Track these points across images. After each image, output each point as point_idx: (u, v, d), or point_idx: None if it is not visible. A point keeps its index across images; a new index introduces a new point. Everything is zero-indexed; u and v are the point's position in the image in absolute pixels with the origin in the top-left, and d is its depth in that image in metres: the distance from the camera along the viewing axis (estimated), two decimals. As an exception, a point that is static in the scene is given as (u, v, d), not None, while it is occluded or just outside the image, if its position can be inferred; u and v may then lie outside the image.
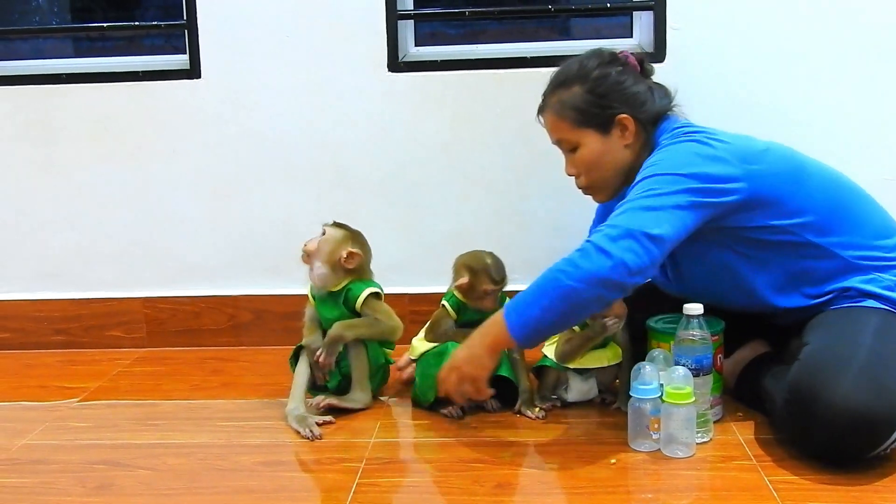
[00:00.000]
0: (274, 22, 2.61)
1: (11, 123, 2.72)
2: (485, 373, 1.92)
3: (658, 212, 1.80)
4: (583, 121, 2.01)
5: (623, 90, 2.00)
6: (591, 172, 2.05)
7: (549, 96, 2.06)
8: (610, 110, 1.99)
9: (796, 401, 1.76)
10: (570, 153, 2.06)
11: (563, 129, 2.04)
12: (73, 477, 1.87)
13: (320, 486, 1.81)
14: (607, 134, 2.01)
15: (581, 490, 1.73)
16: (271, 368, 2.53)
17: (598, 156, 2.02)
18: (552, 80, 2.07)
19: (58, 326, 2.79)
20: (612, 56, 2.04)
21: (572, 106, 2.01)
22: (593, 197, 2.13)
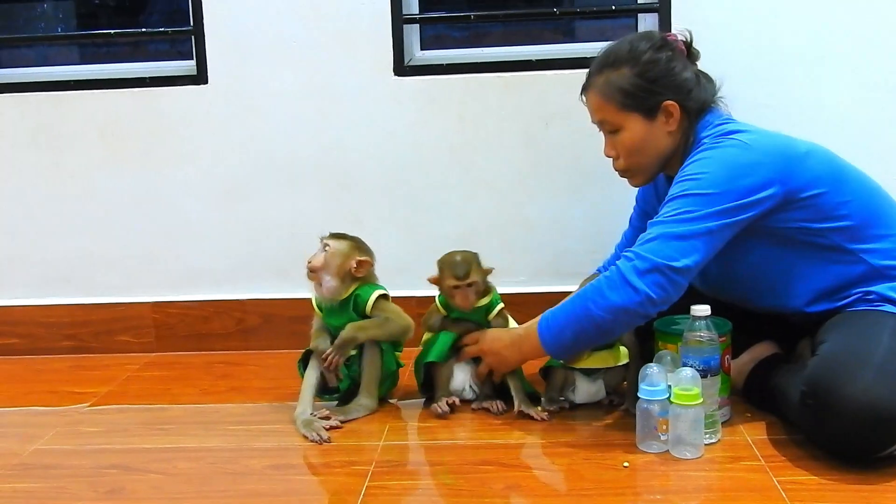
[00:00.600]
0: (280, 27, 2.62)
1: (20, 130, 2.73)
2: (507, 370, 2.13)
3: (688, 241, 1.85)
4: (629, 104, 1.99)
5: (672, 76, 1.99)
6: (631, 156, 2.04)
7: (596, 75, 2.03)
8: (658, 96, 1.98)
9: (814, 394, 1.76)
10: (612, 135, 2.04)
11: (607, 110, 2.02)
12: (84, 481, 1.87)
13: (330, 490, 1.81)
14: (652, 119, 2.00)
15: (589, 492, 1.74)
16: (279, 372, 2.53)
17: (641, 141, 2.01)
18: (600, 60, 2.03)
19: (67, 332, 2.80)
20: (662, 40, 2.02)
21: (619, 88, 1.98)
22: (629, 180, 2.12)
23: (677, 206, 1.88)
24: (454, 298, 2.16)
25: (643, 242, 1.88)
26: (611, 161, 2.11)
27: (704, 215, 1.85)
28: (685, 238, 1.85)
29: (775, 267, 1.98)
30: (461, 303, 2.15)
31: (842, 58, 2.52)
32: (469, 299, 2.15)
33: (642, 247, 1.87)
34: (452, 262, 2.16)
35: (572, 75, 2.57)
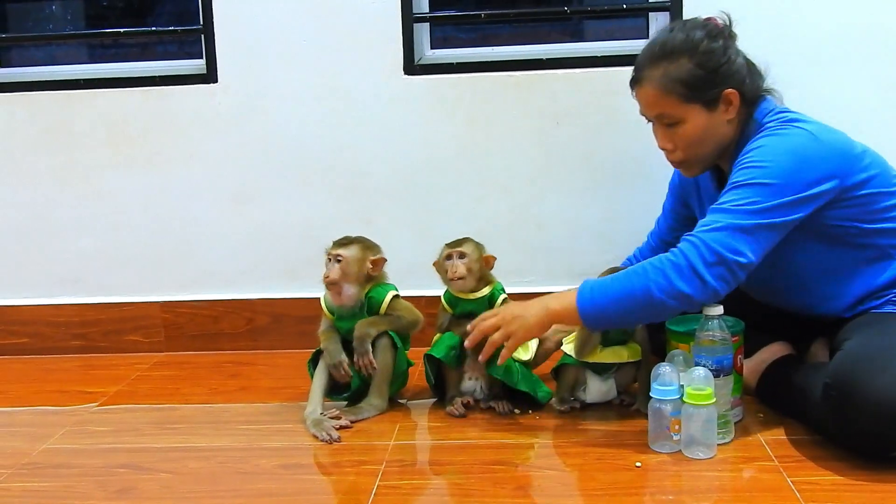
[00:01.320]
0: (290, 26, 2.62)
1: (30, 130, 2.73)
2: (525, 335, 1.97)
3: (754, 235, 1.82)
4: (690, 96, 1.93)
5: (730, 64, 1.95)
6: (691, 148, 1.99)
7: (650, 68, 1.96)
8: (718, 86, 1.94)
9: (839, 386, 1.74)
10: (669, 127, 1.98)
11: (667, 103, 1.96)
12: (94, 481, 1.87)
13: (341, 489, 1.81)
14: (713, 109, 1.95)
15: (602, 492, 1.73)
16: (289, 372, 2.53)
17: (703, 132, 1.96)
18: (652, 52, 1.97)
19: (76, 331, 2.80)
20: (715, 27, 1.97)
21: (680, 80, 1.93)
22: (684, 171, 2.08)
23: (744, 196, 1.84)
24: (446, 272, 2.16)
25: (709, 230, 1.83)
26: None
27: (770, 208, 1.82)
28: (751, 232, 1.82)
29: (821, 266, 1.97)
30: (450, 273, 2.14)
31: (861, 57, 2.50)
32: (458, 270, 2.14)
33: (709, 235, 1.82)
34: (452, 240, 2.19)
35: (583, 74, 2.58)
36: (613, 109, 2.58)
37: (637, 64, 2.00)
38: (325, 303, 2.22)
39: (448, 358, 2.15)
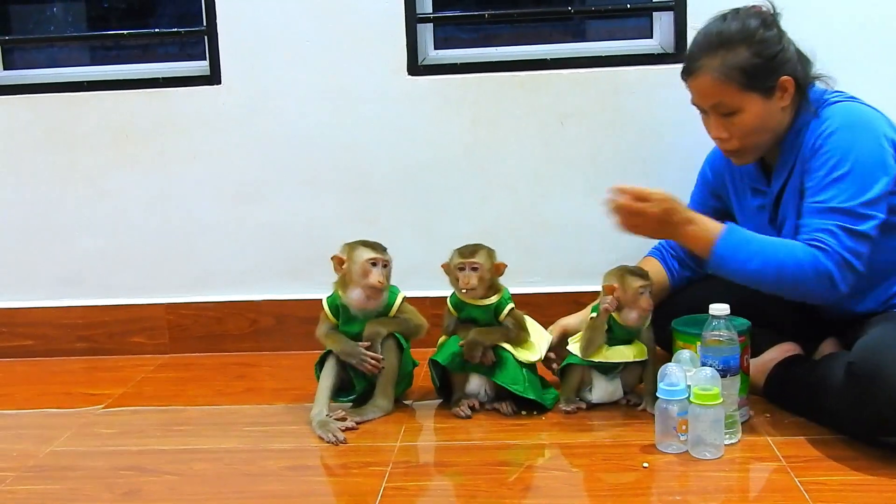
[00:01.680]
0: (293, 27, 2.62)
1: (34, 131, 2.73)
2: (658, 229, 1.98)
3: (868, 241, 1.87)
4: (749, 84, 1.93)
5: (785, 52, 1.95)
6: (748, 137, 1.98)
7: (708, 57, 1.95)
8: (775, 73, 1.94)
9: (863, 364, 1.76)
10: (725, 116, 1.97)
11: (725, 92, 1.94)
12: (100, 483, 1.87)
13: (347, 491, 1.80)
14: (770, 97, 1.95)
15: (609, 492, 1.73)
16: (294, 373, 2.53)
17: (761, 120, 1.96)
18: (709, 41, 1.96)
19: (81, 333, 2.80)
20: (767, 15, 1.98)
21: (738, 68, 1.92)
22: (737, 160, 2.07)
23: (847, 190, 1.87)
24: (457, 281, 2.14)
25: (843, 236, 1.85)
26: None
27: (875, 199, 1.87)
28: (866, 237, 1.87)
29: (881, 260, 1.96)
30: (462, 283, 2.12)
31: (870, 56, 2.50)
32: (470, 281, 2.12)
33: (844, 242, 1.85)
34: (463, 245, 2.17)
35: (588, 74, 2.58)
36: (618, 109, 2.58)
37: (691, 54, 2.00)
38: (327, 304, 2.20)
39: (453, 364, 2.14)
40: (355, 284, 2.14)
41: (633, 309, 2.09)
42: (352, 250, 2.15)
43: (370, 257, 2.13)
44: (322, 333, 2.20)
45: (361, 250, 2.14)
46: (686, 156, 2.57)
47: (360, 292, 2.14)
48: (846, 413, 1.83)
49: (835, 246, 1.85)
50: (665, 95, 2.56)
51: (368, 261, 2.12)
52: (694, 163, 2.53)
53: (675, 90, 2.54)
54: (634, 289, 2.08)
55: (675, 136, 2.58)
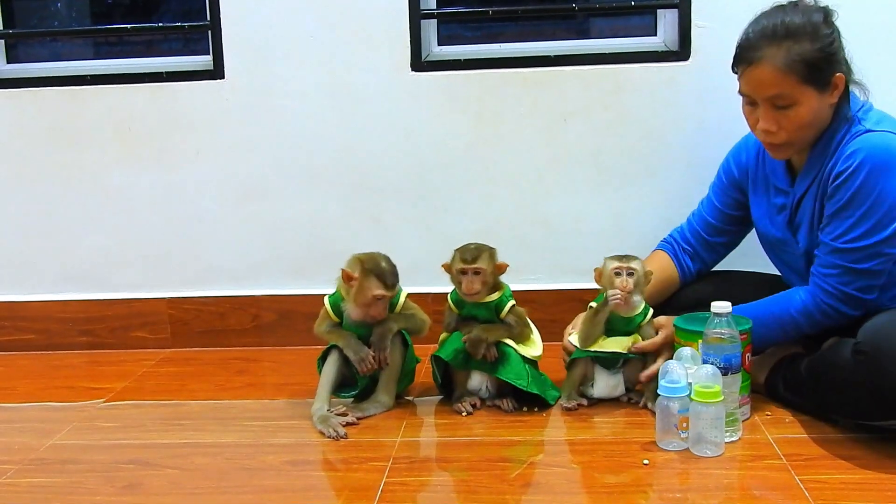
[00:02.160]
0: (297, 22, 2.62)
1: (37, 125, 2.73)
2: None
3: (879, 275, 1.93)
4: (810, 78, 1.90)
5: (841, 49, 1.95)
6: (797, 131, 1.95)
7: (771, 47, 1.90)
8: (832, 70, 1.92)
9: (870, 344, 1.78)
10: (779, 109, 1.93)
11: (786, 83, 1.90)
12: (101, 476, 1.87)
13: (348, 486, 1.80)
14: (824, 93, 1.93)
15: (609, 489, 1.73)
16: (295, 369, 2.53)
17: (813, 115, 1.94)
18: (774, 31, 1.91)
19: (83, 327, 2.81)
20: (827, 9, 1.95)
21: (803, 60, 1.88)
22: (777, 153, 2.04)
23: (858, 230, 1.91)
24: (460, 285, 2.14)
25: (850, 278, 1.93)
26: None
27: (887, 239, 1.90)
28: (877, 273, 1.93)
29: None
30: (465, 289, 2.12)
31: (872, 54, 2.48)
32: (473, 286, 2.12)
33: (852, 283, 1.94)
34: (464, 247, 2.16)
35: (592, 71, 2.58)
36: (621, 107, 2.58)
37: (751, 43, 1.95)
38: (328, 302, 2.20)
39: (455, 360, 2.14)
40: (358, 306, 2.13)
41: (610, 289, 2.10)
42: (364, 277, 2.11)
43: (378, 294, 2.10)
44: (324, 330, 2.20)
45: (373, 283, 2.10)
46: (689, 153, 2.58)
47: (361, 313, 2.14)
48: (854, 397, 1.83)
49: (841, 287, 1.94)
50: (669, 93, 2.56)
51: (376, 297, 2.11)
52: (697, 160, 2.54)
53: (679, 88, 2.56)
54: (609, 270, 2.10)
55: (679, 133, 2.58)
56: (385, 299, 2.12)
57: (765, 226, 2.17)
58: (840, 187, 1.92)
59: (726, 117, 2.48)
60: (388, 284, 2.11)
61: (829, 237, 1.95)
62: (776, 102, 1.93)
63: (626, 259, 2.12)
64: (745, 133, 2.16)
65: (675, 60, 2.55)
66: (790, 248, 2.11)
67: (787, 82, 1.90)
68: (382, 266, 2.12)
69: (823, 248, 1.97)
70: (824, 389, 1.94)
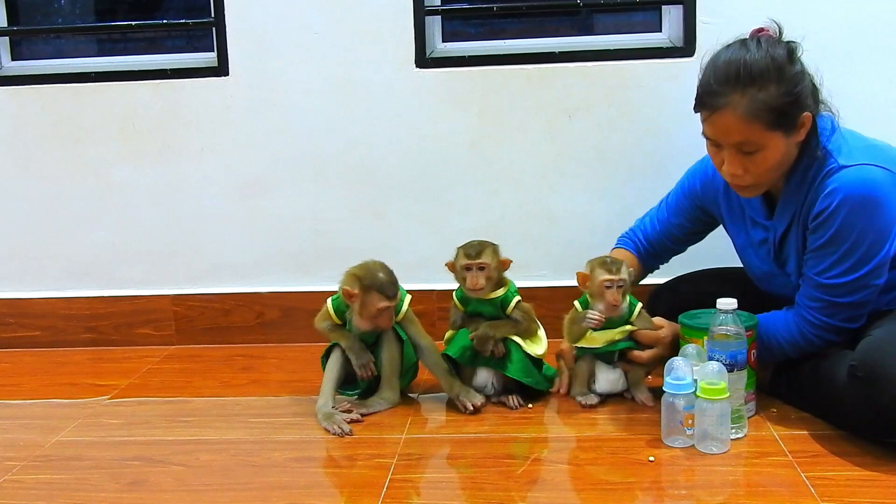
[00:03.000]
0: (301, 19, 2.61)
1: (41, 122, 2.73)
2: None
3: (862, 304, 1.91)
4: (776, 123, 1.82)
5: (807, 86, 1.87)
6: (765, 174, 1.89)
7: (736, 94, 1.82)
8: (800, 110, 1.85)
9: (865, 366, 1.76)
10: (746, 154, 1.86)
11: (751, 131, 1.83)
12: (106, 473, 1.87)
13: (353, 482, 1.80)
14: (791, 134, 1.86)
15: (615, 486, 1.72)
16: (300, 365, 2.53)
17: (781, 157, 1.87)
18: (737, 74, 1.82)
19: (88, 324, 2.81)
20: (790, 45, 1.87)
21: (769, 108, 1.81)
22: (744, 193, 1.98)
23: (839, 267, 1.88)
24: (465, 281, 2.14)
25: (832, 310, 1.92)
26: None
27: (870, 272, 1.87)
28: (861, 304, 1.91)
29: None
30: (470, 284, 2.12)
31: (877, 52, 2.49)
32: (478, 282, 2.12)
33: (834, 315, 1.92)
34: (468, 244, 2.15)
35: (596, 68, 2.57)
36: (626, 103, 2.58)
37: (711, 88, 1.86)
38: (331, 305, 2.19)
39: (463, 357, 2.14)
40: (364, 319, 2.13)
41: (599, 301, 2.09)
42: (364, 293, 2.09)
43: (383, 306, 2.09)
44: (325, 328, 2.20)
45: (374, 297, 2.09)
46: (693, 150, 2.54)
47: (369, 324, 2.13)
48: (851, 414, 1.83)
49: (826, 319, 1.93)
50: (673, 89, 2.55)
51: (380, 309, 2.10)
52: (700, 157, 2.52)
53: (683, 84, 2.54)
54: (599, 282, 2.09)
55: (683, 130, 2.56)
56: (390, 309, 2.11)
57: (748, 257, 2.14)
58: (821, 226, 1.88)
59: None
60: (391, 296, 2.09)
61: (812, 272, 1.92)
62: (742, 148, 1.86)
63: (616, 268, 2.08)
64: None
65: (680, 56, 2.55)
66: (779, 280, 2.08)
67: (753, 130, 1.83)
68: (380, 278, 2.10)
69: (808, 282, 1.94)
70: (823, 400, 1.94)
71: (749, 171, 1.89)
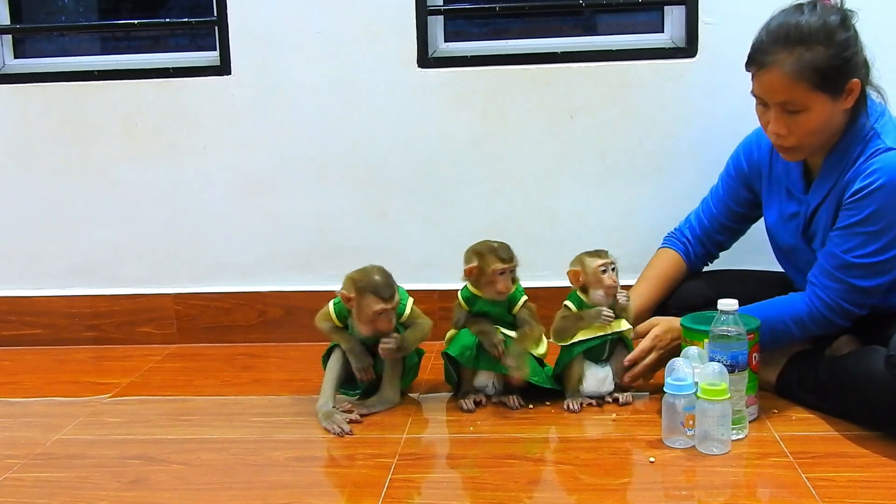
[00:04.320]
0: (304, 18, 2.61)
1: (44, 120, 2.74)
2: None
3: (877, 291, 1.95)
4: (821, 84, 1.86)
5: (859, 54, 1.90)
6: (808, 136, 1.92)
7: (782, 52, 1.86)
8: (847, 76, 1.88)
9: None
10: (790, 114, 1.90)
11: (796, 90, 1.87)
12: (107, 471, 1.87)
13: (353, 482, 1.80)
14: (837, 99, 1.89)
15: (616, 487, 1.72)
16: (301, 365, 2.53)
17: (824, 121, 1.91)
18: (787, 34, 1.87)
19: (89, 322, 2.81)
20: (845, 12, 1.90)
21: (815, 68, 1.84)
22: (788, 156, 2.01)
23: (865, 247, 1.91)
24: (496, 284, 2.11)
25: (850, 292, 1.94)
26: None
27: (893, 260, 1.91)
28: (877, 290, 1.94)
29: None
30: (503, 288, 2.11)
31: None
32: (509, 285, 2.12)
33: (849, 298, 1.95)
34: (494, 246, 2.13)
35: (598, 68, 2.57)
36: (628, 103, 2.57)
37: (762, 46, 1.91)
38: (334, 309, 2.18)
39: (464, 357, 2.13)
40: (363, 323, 2.12)
41: (598, 288, 2.10)
42: (360, 297, 2.08)
43: (379, 309, 2.08)
44: (326, 328, 2.19)
45: (371, 300, 2.07)
46: (695, 150, 2.57)
47: (369, 329, 2.12)
48: (886, 406, 1.82)
49: (840, 300, 1.95)
50: (675, 90, 2.55)
51: (377, 312, 2.08)
52: (704, 157, 2.53)
53: (686, 84, 2.56)
54: (594, 268, 2.10)
55: (685, 130, 2.57)
56: (387, 312, 2.09)
57: (777, 230, 2.16)
58: (857, 203, 1.90)
59: (733, 114, 2.48)
60: (386, 297, 2.07)
61: (838, 248, 1.93)
62: (787, 107, 1.90)
63: (604, 253, 2.13)
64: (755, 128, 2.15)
65: (683, 57, 2.54)
66: (803, 256, 2.09)
67: (798, 89, 1.87)
68: (376, 280, 2.08)
69: (830, 259, 1.95)
70: (850, 398, 1.92)
71: (793, 131, 1.92)
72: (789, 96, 1.88)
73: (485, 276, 2.12)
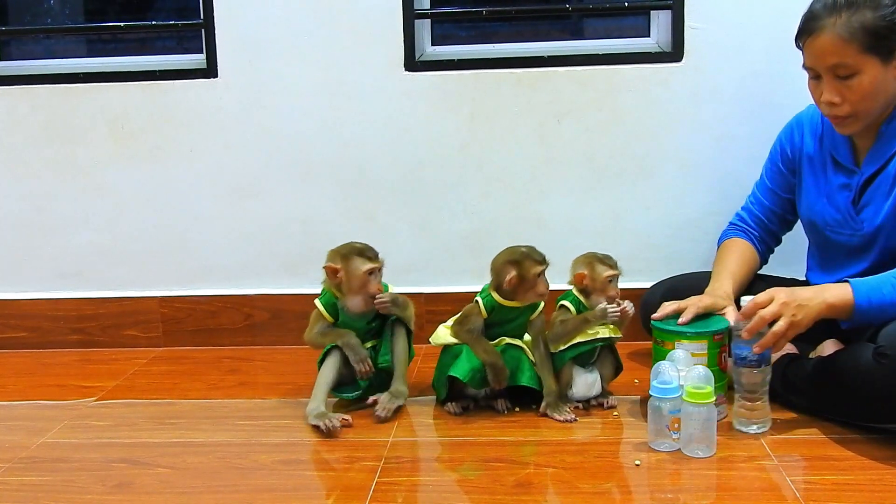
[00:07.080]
0: (291, 21, 2.61)
1: (30, 123, 2.73)
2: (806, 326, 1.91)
3: None
4: (872, 47, 1.90)
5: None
6: (861, 102, 1.95)
7: (830, 17, 1.92)
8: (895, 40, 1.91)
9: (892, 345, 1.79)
10: (842, 79, 1.94)
11: (847, 52, 1.91)
12: (92, 475, 1.87)
13: (340, 485, 1.80)
14: (887, 64, 1.93)
15: (601, 490, 1.72)
16: (288, 368, 2.53)
17: (876, 85, 1.94)
18: (833, 2, 1.93)
19: (75, 325, 2.80)
20: None
21: (864, 29, 1.89)
22: (841, 128, 2.04)
23: None
24: (537, 287, 2.09)
25: None
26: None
27: None
28: None
29: None
30: (544, 289, 2.10)
31: None
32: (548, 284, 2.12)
33: None
34: (525, 251, 2.11)
35: (584, 72, 2.58)
36: (615, 107, 2.58)
37: (812, 14, 1.96)
38: (322, 305, 2.19)
39: (473, 381, 2.10)
40: (354, 293, 2.13)
41: (601, 296, 2.10)
42: (347, 262, 2.12)
43: (368, 268, 2.11)
44: (318, 333, 2.18)
45: (358, 262, 2.11)
46: (682, 154, 2.58)
47: (360, 300, 2.14)
48: (873, 399, 1.83)
49: None
50: (662, 94, 2.56)
51: (366, 272, 2.11)
52: (690, 161, 2.54)
53: (672, 88, 2.57)
54: (603, 278, 2.10)
55: (672, 134, 2.58)
56: (377, 272, 2.13)
57: (821, 205, 2.15)
58: None
59: (719, 118, 2.50)
60: (372, 256, 2.13)
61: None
62: (838, 72, 1.94)
63: (615, 263, 2.13)
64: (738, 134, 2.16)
65: (669, 61, 2.55)
66: (850, 226, 2.09)
67: (848, 51, 1.91)
68: (358, 245, 2.14)
69: None
70: (836, 393, 1.93)
71: (846, 98, 1.95)
72: (840, 59, 1.92)
73: (526, 281, 2.10)
